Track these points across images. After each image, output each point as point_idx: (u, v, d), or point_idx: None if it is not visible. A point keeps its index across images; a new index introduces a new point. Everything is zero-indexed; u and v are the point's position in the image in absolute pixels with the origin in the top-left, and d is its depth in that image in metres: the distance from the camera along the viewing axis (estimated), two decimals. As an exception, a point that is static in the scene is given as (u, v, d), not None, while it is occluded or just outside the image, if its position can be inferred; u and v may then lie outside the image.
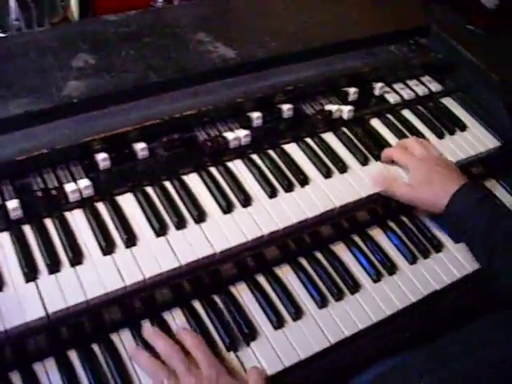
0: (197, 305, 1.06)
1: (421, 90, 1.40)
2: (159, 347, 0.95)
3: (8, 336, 0.88)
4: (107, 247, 0.99)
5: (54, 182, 1.04)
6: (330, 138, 1.26)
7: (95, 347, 0.98)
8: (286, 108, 1.23)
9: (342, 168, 1.20)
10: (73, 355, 0.97)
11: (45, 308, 0.90)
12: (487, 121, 1.36)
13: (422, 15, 1.50)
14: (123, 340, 1.00)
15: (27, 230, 1.00)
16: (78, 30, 1.25)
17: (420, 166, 1.20)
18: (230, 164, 1.16)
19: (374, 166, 1.23)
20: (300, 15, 1.41)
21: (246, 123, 1.20)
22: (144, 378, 0.96)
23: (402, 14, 1.49)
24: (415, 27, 1.45)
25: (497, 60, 1.39)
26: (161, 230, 1.03)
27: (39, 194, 1.01)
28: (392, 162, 1.24)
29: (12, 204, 0.98)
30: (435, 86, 1.42)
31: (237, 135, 1.16)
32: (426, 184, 1.17)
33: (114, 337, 1.00)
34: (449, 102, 1.42)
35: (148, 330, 0.98)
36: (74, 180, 1.04)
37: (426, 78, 1.44)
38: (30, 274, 0.93)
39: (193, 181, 1.12)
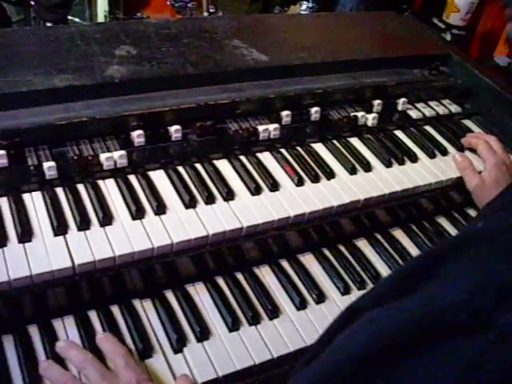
0: (220, 281, 1.02)
1: (441, 110, 1.40)
2: (71, 358, 0.83)
3: (33, 283, 0.84)
4: (137, 212, 0.96)
5: (89, 151, 1.03)
6: (355, 141, 1.25)
7: (115, 310, 0.94)
8: (314, 111, 1.23)
9: (367, 167, 1.18)
10: (93, 315, 0.92)
11: (71, 259, 0.86)
12: (508, 143, 1.34)
13: (442, 45, 1.53)
14: (145, 307, 0.95)
15: (60, 192, 0.97)
16: (121, 27, 1.27)
17: (499, 167, 1.23)
18: (258, 154, 1.15)
19: (398, 168, 1.21)
20: (329, 33, 1.44)
21: (276, 120, 1.19)
22: (165, 345, 0.91)
23: (424, 42, 1.52)
24: (436, 54, 1.47)
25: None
26: (190, 203, 1.00)
27: (75, 158, 0.99)
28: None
29: (48, 164, 0.96)
30: (455, 108, 1.42)
31: (267, 127, 1.15)
32: (496, 186, 1.19)
33: (136, 302, 0.95)
34: (469, 124, 1.42)
35: (60, 342, 0.85)
36: (109, 152, 1.03)
37: (446, 101, 1.44)
38: (60, 228, 0.90)
39: (223, 165, 1.11)
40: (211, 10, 2.74)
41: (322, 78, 1.31)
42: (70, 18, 2.70)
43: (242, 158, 1.13)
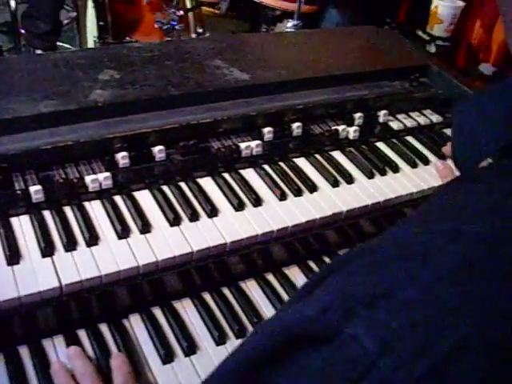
0: (206, 296, 1.05)
1: (422, 121, 1.43)
2: (74, 366, 0.87)
3: (21, 304, 0.87)
4: (122, 232, 0.99)
5: (75, 173, 1.06)
6: (337, 155, 1.29)
7: (104, 328, 0.96)
8: (296, 126, 1.27)
9: (349, 179, 1.21)
10: (82, 334, 0.95)
11: (59, 279, 0.89)
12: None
13: (422, 56, 1.57)
14: (133, 324, 0.98)
15: (47, 214, 1.01)
16: (105, 52, 1.32)
17: None
18: (242, 171, 1.19)
19: (380, 179, 1.24)
20: (310, 50, 1.49)
21: (258, 137, 1.23)
22: (153, 360, 0.93)
23: (403, 54, 1.56)
24: (416, 66, 1.51)
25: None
26: (175, 221, 1.03)
27: (60, 181, 1.03)
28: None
29: (34, 188, 0.99)
30: (436, 118, 1.46)
31: (249, 144, 1.19)
32: None
33: (125, 321, 0.98)
34: (450, 133, 1.45)
35: (70, 349, 0.90)
36: (95, 173, 1.07)
37: (427, 111, 1.48)
38: (47, 249, 0.93)
39: (206, 183, 1.14)
40: (199, 31, 2.80)
41: (302, 93, 1.35)
42: (59, 44, 2.75)
43: (226, 175, 1.17)
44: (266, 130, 1.24)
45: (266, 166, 1.21)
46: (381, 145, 1.35)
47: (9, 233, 0.96)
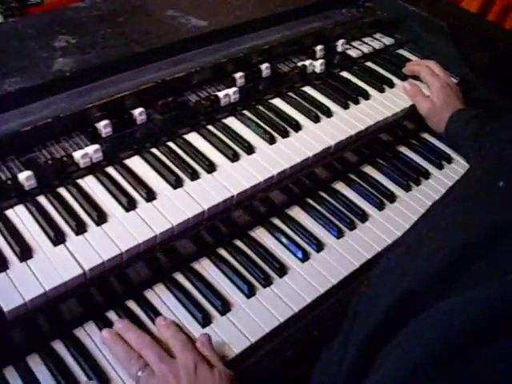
0: (222, 251, 1.01)
1: (377, 45, 1.42)
2: (130, 339, 0.83)
3: (48, 298, 0.80)
4: (129, 204, 0.92)
5: (61, 152, 0.97)
6: (309, 90, 1.26)
7: (132, 305, 0.91)
8: (264, 67, 1.22)
9: (328, 113, 1.19)
10: (112, 315, 0.89)
11: (80, 266, 0.82)
12: (441, 63, 1.39)
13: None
14: (160, 294, 0.93)
15: (43, 200, 0.91)
16: (51, 16, 1.18)
17: (444, 88, 1.28)
18: (224, 120, 1.13)
19: (355, 108, 1.23)
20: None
21: (231, 83, 1.17)
22: (191, 326, 0.89)
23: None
24: (359, -9, 1.48)
25: (439, 9, 1.46)
26: (177, 183, 0.97)
27: (49, 163, 0.93)
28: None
29: (24, 174, 0.89)
30: (388, 40, 1.45)
31: (227, 92, 1.13)
32: (446, 107, 1.25)
33: (151, 293, 0.93)
34: (404, 53, 1.46)
35: (118, 323, 0.85)
36: (80, 148, 0.97)
37: (378, 35, 1.47)
38: (57, 237, 0.85)
39: (194, 139, 1.08)
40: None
41: (261, 33, 1.30)
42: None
43: (210, 127, 1.11)
44: (238, 75, 1.18)
45: (246, 112, 1.16)
46: (346, 74, 1.33)
47: (10, 227, 0.86)
